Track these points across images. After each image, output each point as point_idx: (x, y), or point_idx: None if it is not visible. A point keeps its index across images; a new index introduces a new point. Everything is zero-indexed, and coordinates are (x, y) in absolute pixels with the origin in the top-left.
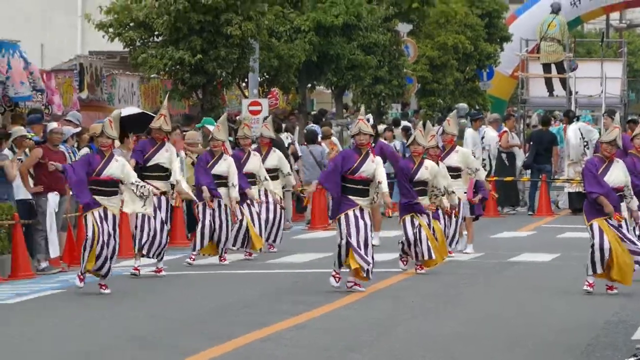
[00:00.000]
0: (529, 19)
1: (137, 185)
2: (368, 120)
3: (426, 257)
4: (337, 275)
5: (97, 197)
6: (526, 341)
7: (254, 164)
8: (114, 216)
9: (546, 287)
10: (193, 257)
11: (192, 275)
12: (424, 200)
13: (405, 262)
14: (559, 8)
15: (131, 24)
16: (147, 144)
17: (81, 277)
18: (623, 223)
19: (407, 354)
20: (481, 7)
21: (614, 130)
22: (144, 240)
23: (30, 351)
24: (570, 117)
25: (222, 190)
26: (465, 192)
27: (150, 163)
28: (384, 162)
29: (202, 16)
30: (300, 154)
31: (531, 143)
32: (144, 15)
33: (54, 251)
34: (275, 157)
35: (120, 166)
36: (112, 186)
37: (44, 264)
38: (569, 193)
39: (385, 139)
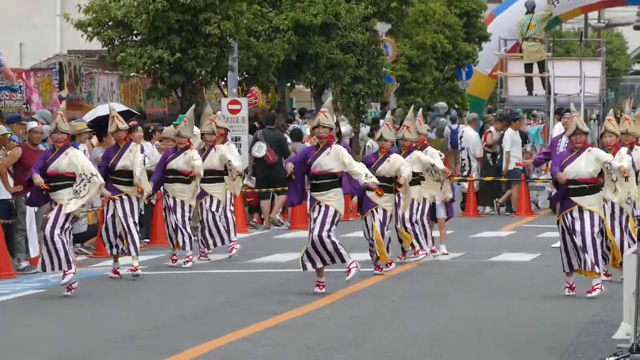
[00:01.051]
0: (507, 18)
1: (82, 180)
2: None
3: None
4: (321, 284)
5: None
6: (509, 341)
7: (214, 160)
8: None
9: (527, 287)
10: (175, 257)
11: (173, 275)
12: (386, 197)
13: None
14: (533, 6)
15: (110, 23)
16: (110, 150)
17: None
18: (586, 218)
19: (391, 353)
20: (459, 6)
21: (572, 119)
22: (114, 242)
23: (14, 351)
24: (562, 115)
25: (177, 186)
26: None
27: (117, 168)
28: None
29: (180, 15)
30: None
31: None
32: (123, 15)
33: (34, 250)
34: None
35: (67, 159)
36: (58, 180)
37: (24, 264)
38: (550, 192)
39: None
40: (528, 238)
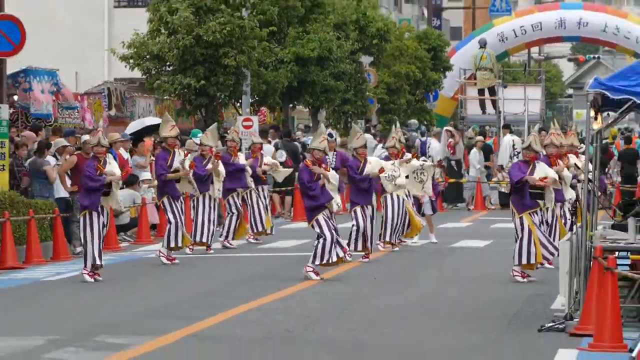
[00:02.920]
0: (466, 52)
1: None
2: (331, 135)
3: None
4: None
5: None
6: (464, 312)
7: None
8: (107, 212)
9: (481, 268)
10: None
11: (194, 259)
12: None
13: (348, 254)
14: (485, 43)
15: (147, 56)
16: (166, 155)
17: (91, 273)
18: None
19: (370, 320)
20: (428, 43)
21: (529, 137)
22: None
23: (67, 317)
24: (510, 129)
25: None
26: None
27: (172, 169)
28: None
29: (204, 50)
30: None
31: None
32: (158, 50)
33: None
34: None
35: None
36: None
37: (78, 249)
38: (499, 192)
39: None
40: (483, 228)
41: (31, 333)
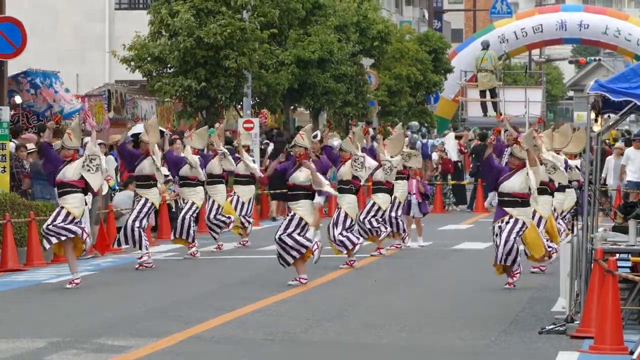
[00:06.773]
0: (467, 54)
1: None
2: (315, 136)
3: (349, 247)
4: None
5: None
6: (465, 314)
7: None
8: (67, 212)
9: (482, 269)
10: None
11: (193, 261)
12: (349, 197)
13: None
14: (487, 45)
15: (148, 59)
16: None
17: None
18: (511, 224)
19: (371, 322)
20: (429, 45)
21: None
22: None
23: (69, 318)
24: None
25: (186, 189)
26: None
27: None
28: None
29: (205, 52)
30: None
31: (473, 156)
32: (159, 52)
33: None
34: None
35: (72, 168)
36: (64, 187)
37: None
38: None
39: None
40: (483, 230)
41: (32, 335)
